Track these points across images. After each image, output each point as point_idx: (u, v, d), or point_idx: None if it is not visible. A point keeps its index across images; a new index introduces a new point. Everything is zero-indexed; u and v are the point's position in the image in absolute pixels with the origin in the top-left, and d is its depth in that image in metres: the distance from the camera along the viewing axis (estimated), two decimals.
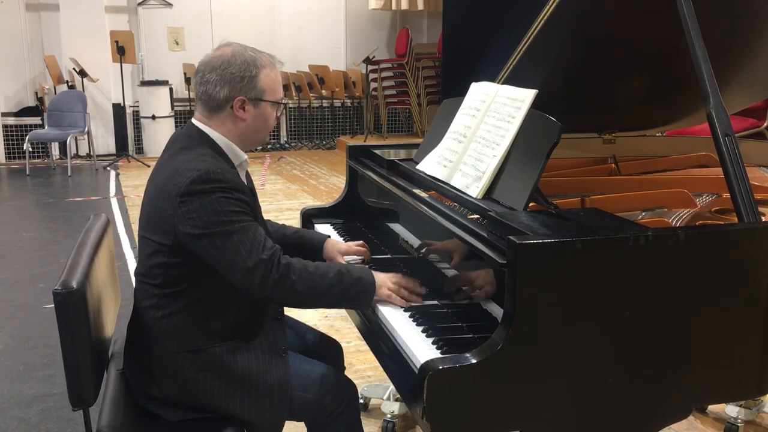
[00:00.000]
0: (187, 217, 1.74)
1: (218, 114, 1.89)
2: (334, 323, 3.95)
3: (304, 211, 2.78)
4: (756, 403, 2.78)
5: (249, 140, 1.95)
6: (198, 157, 1.81)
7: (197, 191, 1.74)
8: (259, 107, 1.90)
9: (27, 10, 9.81)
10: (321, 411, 1.93)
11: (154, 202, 1.83)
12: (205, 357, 1.83)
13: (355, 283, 1.84)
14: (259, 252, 1.74)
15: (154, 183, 1.87)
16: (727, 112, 1.85)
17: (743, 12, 2.31)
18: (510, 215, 1.73)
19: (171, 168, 1.81)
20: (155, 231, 1.82)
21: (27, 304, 4.31)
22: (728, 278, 1.66)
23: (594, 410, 1.62)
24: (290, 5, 10.89)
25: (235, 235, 1.74)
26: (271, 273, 1.74)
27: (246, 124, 1.90)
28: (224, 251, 1.74)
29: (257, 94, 1.88)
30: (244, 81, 1.86)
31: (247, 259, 1.73)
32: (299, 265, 1.80)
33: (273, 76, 1.91)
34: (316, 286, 1.80)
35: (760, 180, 2.49)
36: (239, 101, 1.87)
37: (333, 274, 1.82)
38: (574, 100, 2.45)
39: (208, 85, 1.86)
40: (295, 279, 1.77)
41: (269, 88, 1.90)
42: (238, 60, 1.86)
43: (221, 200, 1.74)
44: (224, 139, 1.90)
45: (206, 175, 1.75)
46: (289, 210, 6.63)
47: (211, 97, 1.87)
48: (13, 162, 9.64)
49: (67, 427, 2.90)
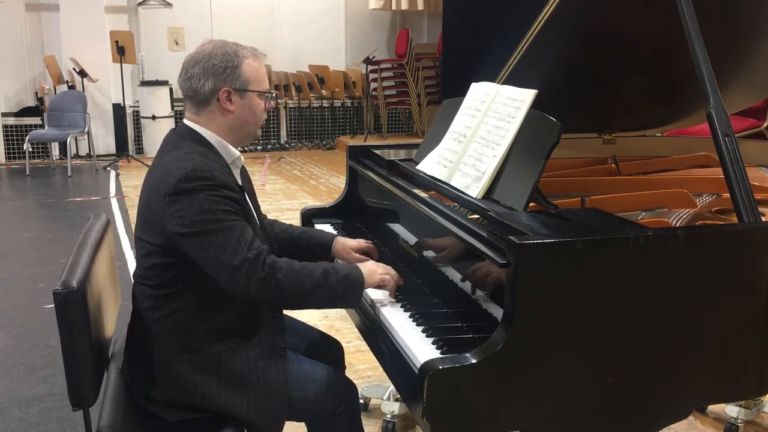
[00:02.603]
0: (175, 216, 1.73)
1: (206, 109, 1.89)
2: (334, 323, 3.95)
3: (304, 211, 2.78)
4: (756, 403, 2.78)
5: (240, 134, 1.94)
6: (187, 155, 1.81)
7: (185, 189, 1.73)
8: (245, 98, 1.90)
9: (27, 10, 9.81)
10: (321, 411, 1.93)
11: (147, 202, 1.83)
12: (204, 357, 1.83)
13: (342, 281, 1.83)
14: (245, 251, 1.73)
15: (147, 184, 1.87)
16: (727, 112, 1.85)
17: (743, 12, 2.31)
18: (510, 215, 1.73)
19: (161, 167, 1.82)
20: (149, 232, 1.82)
21: (27, 304, 4.31)
22: (728, 278, 1.66)
23: (594, 410, 1.62)
24: (290, 5, 10.89)
25: (221, 234, 1.73)
26: (256, 272, 1.73)
27: (234, 116, 1.90)
28: (210, 250, 1.73)
29: (242, 84, 1.88)
30: (227, 72, 1.86)
31: (232, 258, 1.72)
32: (285, 264, 1.79)
33: (256, 66, 1.91)
34: (302, 285, 1.78)
35: (760, 180, 2.49)
36: (225, 92, 1.87)
37: (319, 273, 1.81)
38: (574, 100, 2.45)
39: (193, 80, 1.88)
40: (281, 278, 1.75)
41: (254, 78, 1.90)
42: (219, 52, 1.88)
43: (209, 198, 1.74)
44: (216, 136, 1.90)
45: (193, 172, 1.74)
46: (289, 210, 6.63)
47: (197, 91, 1.88)
48: (13, 162, 9.64)
49: (67, 427, 2.90)
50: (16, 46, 9.77)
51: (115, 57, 9.35)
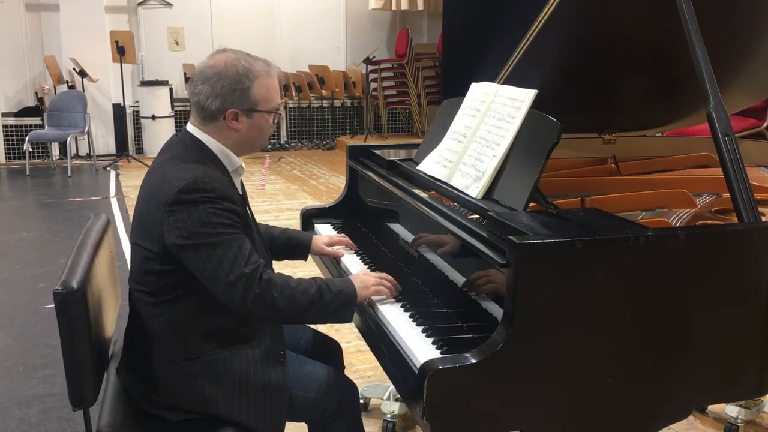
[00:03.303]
0: (174, 226, 1.72)
1: (212, 123, 1.87)
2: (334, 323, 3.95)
3: (304, 211, 2.79)
4: (756, 403, 2.78)
5: (245, 148, 1.93)
6: (188, 165, 1.79)
7: (185, 201, 1.72)
8: (252, 117, 1.86)
9: (27, 10, 9.81)
10: (322, 411, 1.92)
11: (145, 209, 1.82)
12: (203, 364, 1.82)
13: (335, 297, 1.82)
14: (242, 266, 1.72)
15: (145, 190, 1.86)
16: (727, 112, 1.85)
17: (743, 12, 2.31)
18: (510, 215, 1.73)
19: (161, 175, 1.80)
20: (146, 238, 1.81)
21: (27, 304, 4.31)
22: (728, 278, 1.66)
23: (594, 410, 1.62)
24: (290, 5, 10.89)
25: (220, 248, 1.72)
26: (252, 288, 1.72)
27: (240, 135, 1.88)
28: (208, 263, 1.72)
29: (250, 105, 1.85)
30: (236, 93, 1.82)
31: (229, 273, 1.71)
32: (281, 280, 1.78)
33: (267, 84, 1.86)
34: (296, 303, 1.77)
35: (760, 180, 2.49)
36: (231, 113, 1.84)
37: (314, 290, 1.80)
38: (574, 100, 2.45)
39: (201, 96, 1.83)
40: (276, 296, 1.75)
41: (263, 98, 1.86)
42: (230, 72, 1.82)
43: (209, 211, 1.72)
44: (219, 145, 1.88)
45: (194, 184, 1.73)
46: (289, 210, 6.62)
47: (204, 108, 1.84)
48: (13, 162, 9.64)
49: (67, 427, 2.89)
50: (16, 46, 9.77)
51: (115, 57, 9.35)
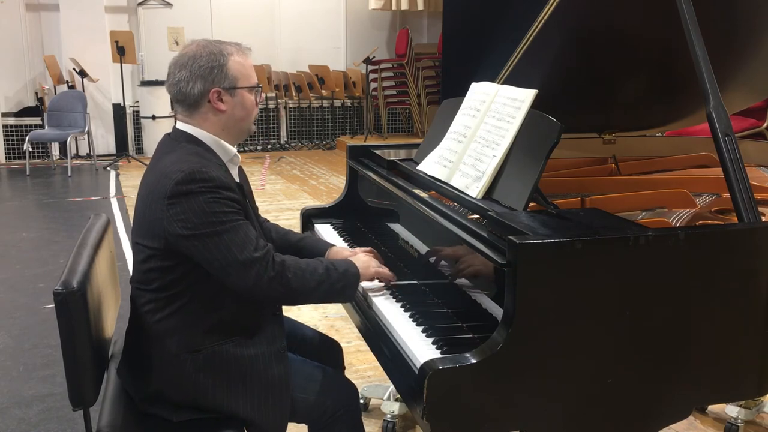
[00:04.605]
0: (176, 219, 1.73)
1: (197, 110, 1.88)
2: (335, 323, 3.95)
3: (304, 211, 2.78)
4: (756, 403, 2.78)
5: (234, 131, 1.94)
6: (183, 157, 1.80)
7: (183, 192, 1.73)
8: (236, 95, 1.89)
9: (27, 10, 9.81)
10: (323, 413, 1.93)
11: (144, 207, 1.83)
12: (205, 356, 1.83)
13: (341, 277, 1.89)
14: (251, 250, 1.75)
15: (143, 189, 1.87)
16: (727, 112, 1.85)
17: (743, 12, 2.31)
18: (510, 215, 1.73)
19: (157, 171, 1.81)
20: (147, 236, 1.81)
21: (27, 304, 4.31)
22: (728, 278, 1.66)
23: (594, 410, 1.62)
24: (290, 5, 10.89)
25: (226, 235, 1.74)
26: (267, 271, 1.76)
27: (227, 115, 1.89)
28: (216, 252, 1.74)
29: (231, 83, 1.87)
30: (214, 72, 1.85)
31: (240, 257, 1.74)
32: (292, 262, 1.84)
33: (242, 61, 1.90)
34: (307, 283, 1.83)
35: (760, 180, 2.49)
36: (215, 93, 1.86)
37: (322, 270, 1.86)
38: (574, 99, 2.45)
39: (181, 84, 1.86)
40: (290, 276, 1.80)
41: (241, 74, 1.89)
42: (203, 53, 1.86)
43: (209, 201, 1.74)
44: (210, 135, 1.89)
45: (191, 175, 1.74)
46: (289, 210, 6.62)
47: (187, 95, 1.87)
48: (13, 162, 9.64)
49: (67, 427, 2.89)
50: (16, 46, 9.77)
51: (115, 57, 9.35)
